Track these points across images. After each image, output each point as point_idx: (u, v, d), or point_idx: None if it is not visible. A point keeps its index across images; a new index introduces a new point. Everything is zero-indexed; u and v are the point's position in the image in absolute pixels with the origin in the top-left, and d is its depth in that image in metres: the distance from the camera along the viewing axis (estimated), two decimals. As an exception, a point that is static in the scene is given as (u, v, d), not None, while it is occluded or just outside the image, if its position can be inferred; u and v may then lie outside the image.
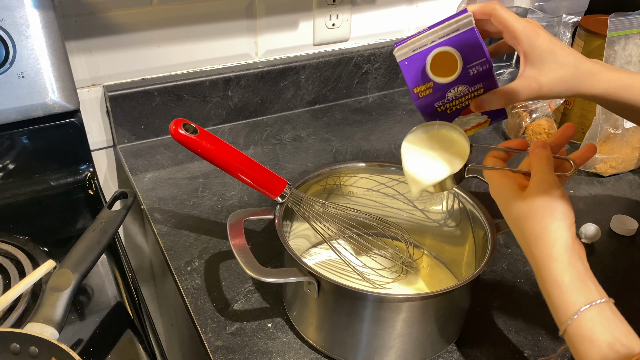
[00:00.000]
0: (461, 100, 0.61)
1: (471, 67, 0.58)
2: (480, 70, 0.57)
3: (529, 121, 1.03)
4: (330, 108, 1.15)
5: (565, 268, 0.50)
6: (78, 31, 0.90)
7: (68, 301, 0.61)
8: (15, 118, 0.82)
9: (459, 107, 0.62)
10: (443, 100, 0.60)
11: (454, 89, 0.59)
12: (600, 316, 0.48)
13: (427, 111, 0.62)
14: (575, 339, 0.48)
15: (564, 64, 0.57)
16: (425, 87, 0.59)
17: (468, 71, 0.58)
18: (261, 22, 1.03)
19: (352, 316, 0.60)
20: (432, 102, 0.61)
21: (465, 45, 0.57)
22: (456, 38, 0.56)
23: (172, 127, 0.64)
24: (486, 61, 0.57)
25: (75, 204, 0.88)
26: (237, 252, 0.61)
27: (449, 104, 0.61)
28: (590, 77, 0.58)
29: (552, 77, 0.57)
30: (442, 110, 0.62)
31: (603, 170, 0.96)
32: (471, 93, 0.60)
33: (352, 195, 0.76)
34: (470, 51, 0.57)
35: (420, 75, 0.59)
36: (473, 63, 0.57)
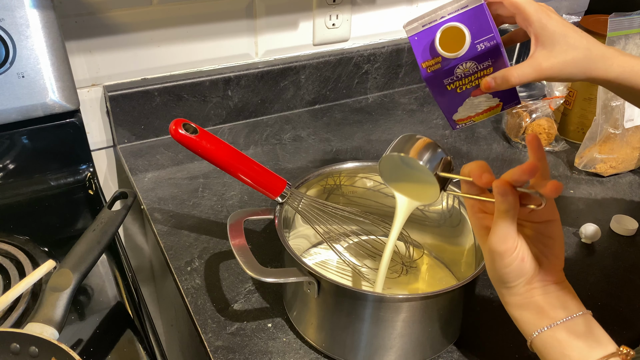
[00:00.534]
0: (470, 79, 0.61)
1: (479, 42, 0.58)
2: (488, 46, 0.58)
3: (529, 121, 1.03)
4: (330, 108, 1.15)
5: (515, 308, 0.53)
6: (78, 31, 0.90)
7: (68, 301, 0.61)
8: (15, 118, 0.82)
9: (469, 87, 0.62)
10: (452, 76, 0.61)
11: (462, 65, 0.59)
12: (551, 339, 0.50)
13: (435, 87, 0.62)
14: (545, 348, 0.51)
15: (575, 46, 0.56)
16: (434, 61, 0.60)
17: (476, 46, 0.58)
18: (261, 22, 1.03)
19: (352, 316, 0.60)
20: (441, 78, 0.61)
21: (473, 21, 0.58)
22: (465, 14, 0.57)
23: (172, 127, 0.64)
24: (494, 37, 0.58)
25: (75, 204, 0.88)
26: (237, 252, 0.61)
27: (458, 82, 0.61)
28: (604, 60, 0.57)
29: (562, 58, 0.57)
30: (451, 88, 0.62)
31: (603, 170, 0.96)
32: (480, 71, 0.60)
33: (352, 195, 0.76)
34: (479, 27, 0.57)
35: (429, 50, 0.60)
36: (481, 38, 0.58)
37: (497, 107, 0.66)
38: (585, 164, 0.97)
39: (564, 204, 0.91)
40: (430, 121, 1.13)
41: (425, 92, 1.23)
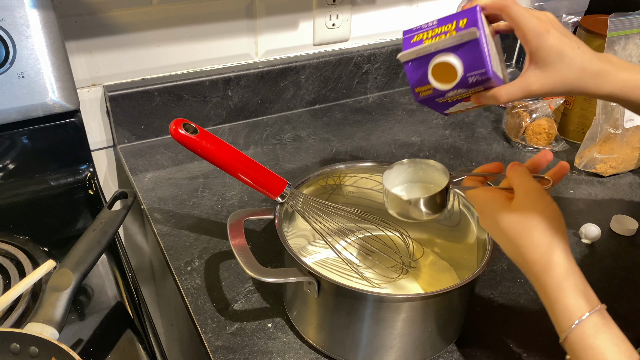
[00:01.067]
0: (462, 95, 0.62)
1: (471, 75, 0.58)
2: (479, 79, 0.58)
3: (529, 121, 1.03)
4: (330, 108, 1.15)
5: (565, 275, 0.50)
6: (78, 31, 0.90)
7: (68, 301, 0.61)
8: (15, 118, 0.82)
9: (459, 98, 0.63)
10: (443, 97, 0.62)
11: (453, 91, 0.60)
12: (601, 322, 0.48)
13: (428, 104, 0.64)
14: (577, 346, 0.48)
15: (570, 65, 0.56)
16: (426, 88, 0.60)
17: (468, 79, 0.58)
18: (261, 22, 1.03)
19: (352, 316, 0.60)
20: (433, 98, 0.62)
21: (467, 54, 0.57)
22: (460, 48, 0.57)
23: (172, 127, 0.64)
24: (485, 72, 0.58)
25: (75, 204, 0.88)
26: (237, 252, 0.61)
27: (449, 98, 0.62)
28: (596, 78, 0.57)
29: (554, 79, 0.57)
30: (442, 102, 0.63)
31: (603, 170, 0.96)
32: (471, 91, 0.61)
33: (352, 195, 0.76)
34: (472, 61, 0.57)
35: (422, 78, 0.60)
36: (473, 72, 0.58)
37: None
38: (586, 164, 0.97)
39: (564, 204, 0.91)
40: (430, 121, 1.13)
41: (425, 92, 1.23)
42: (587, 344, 0.47)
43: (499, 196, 0.56)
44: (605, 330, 0.47)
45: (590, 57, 0.57)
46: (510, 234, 0.53)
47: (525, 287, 0.74)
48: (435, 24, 0.59)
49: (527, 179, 0.55)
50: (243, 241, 0.62)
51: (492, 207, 0.55)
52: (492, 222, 0.55)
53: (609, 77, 0.57)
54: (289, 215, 0.70)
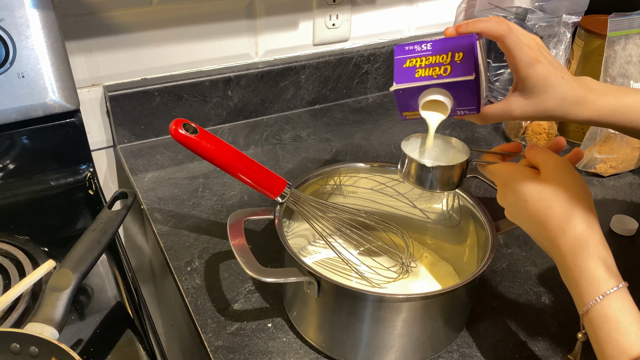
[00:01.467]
0: None
1: (460, 109, 0.60)
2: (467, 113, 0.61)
3: (529, 121, 1.03)
4: (330, 108, 1.15)
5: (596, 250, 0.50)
6: (78, 31, 0.90)
7: (68, 301, 0.61)
8: (15, 118, 0.82)
9: None
10: None
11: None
12: (624, 300, 0.47)
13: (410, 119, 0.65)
14: (599, 320, 0.47)
15: (552, 95, 0.58)
16: (414, 113, 0.62)
17: (457, 111, 0.60)
18: (261, 22, 1.03)
19: (352, 316, 0.60)
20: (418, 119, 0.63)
21: (459, 94, 0.59)
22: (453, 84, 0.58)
23: (172, 127, 0.64)
24: (475, 109, 0.60)
25: (75, 204, 0.88)
26: (237, 252, 0.61)
27: None
28: (576, 106, 0.58)
29: (537, 106, 0.59)
30: None
31: (603, 170, 0.96)
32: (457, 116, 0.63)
33: (352, 195, 0.76)
34: (463, 99, 0.59)
35: (412, 105, 0.61)
36: (463, 108, 0.60)
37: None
38: (585, 164, 0.97)
39: (564, 204, 0.91)
40: (430, 121, 1.12)
41: (425, 92, 1.23)
42: (612, 318, 0.47)
43: (525, 169, 0.56)
44: (629, 308, 0.47)
45: (572, 86, 0.58)
46: (538, 207, 0.53)
47: (525, 287, 0.74)
48: (430, 49, 0.58)
49: (553, 154, 0.56)
50: (243, 241, 0.62)
51: (519, 180, 0.55)
52: (517, 196, 0.55)
53: (588, 105, 0.59)
54: (289, 215, 0.70)
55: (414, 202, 0.76)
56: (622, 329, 0.46)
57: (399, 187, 0.75)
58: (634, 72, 0.92)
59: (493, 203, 0.59)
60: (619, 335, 0.46)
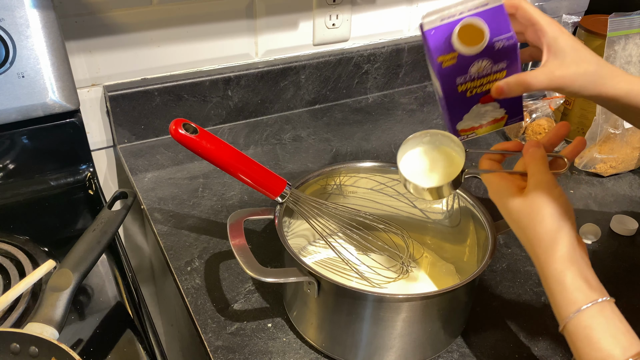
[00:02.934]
0: (482, 81, 0.61)
1: (497, 40, 0.58)
2: (505, 45, 0.58)
3: (529, 121, 1.03)
4: (330, 108, 1.15)
5: (568, 267, 0.50)
6: (78, 31, 0.90)
7: (68, 301, 0.61)
8: (15, 118, 0.82)
9: (479, 92, 0.62)
10: (465, 75, 0.60)
11: (477, 63, 0.59)
12: (600, 315, 0.48)
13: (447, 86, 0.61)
14: (574, 336, 0.48)
15: (587, 59, 0.57)
16: (450, 56, 0.59)
17: (493, 44, 0.58)
18: (261, 22, 1.03)
19: (352, 316, 0.60)
20: (454, 76, 0.60)
21: (493, 20, 0.58)
22: (485, 12, 0.58)
23: (172, 127, 0.64)
24: (512, 36, 0.58)
25: (75, 204, 0.88)
26: (237, 252, 0.61)
27: (470, 84, 0.61)
28: (612, 78, 0.57)
29: (574, 70, 0.57)
30: (462, 90, 0.61)
31: (603, 170, 0.96)
32: (493, 74, 0.60)
33: (352, 195, 0.76)
34: (497, 25, 0.58)
35: (446, 45, 0.59)
36: (499, 36, 0.58)
37: (501, 119, 0.65)
38: (585, 164, 0.97)
39: (564, 204, 0.91)
40: (430, 121, 1.13)
41: (425, 92, 1.23)
42: (584, 335, 0.48)
43: (511, 185, 0.56)
44: (604, 322, 0.48)
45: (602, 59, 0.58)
46: (519, 224, 0.54)
47: (525, 287, 0.74)
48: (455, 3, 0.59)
49: (541, 169, 0.55)
50: (243, 241, 0.62)
51: (504, 196, 0.56)
52: (504, 211, 0.56)
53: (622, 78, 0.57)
54: (289, 215, 0.70)
55: (414, 202, 0.76)
56: (595, 344, 0.47)
57: (399, 187, 0.75)
58: (634, 72, 0.92)
59: (493, 203, 0.59)
60: (592, 350, 0.47)
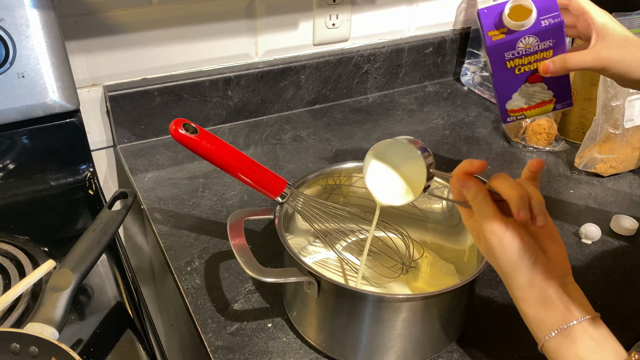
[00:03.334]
0: (529, 59, 0.65)
1: (544, 18, 0.63)
2: (551, 23, 0.63)
3: (529, 121, 1.03)
4: (330, 108, 1.15)
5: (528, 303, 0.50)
6: (78, 31, 0.90)
7: (68, 301, 0.61)
8: (15, 118, 0.82)
9: (526, 69, 0.65)
10: (513, 50, 0.64)
11: (524, 39, 0.63)
12: (565, 340, 0.49)
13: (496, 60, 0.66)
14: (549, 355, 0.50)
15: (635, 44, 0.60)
16: (499, 31, 0.64)
17: (540, 22, 0.63)
18: (261, 22, 1.03)
19: (352, 316, 0.60)
20: (503, 50, 0.65)
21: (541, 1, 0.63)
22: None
23: (172, 127, 0.64)
24: (558, 15, 0.62)
25: (75, 204, 0.88)
26: (237, 252, 0.61)
27: (518, 60, 0.65)
28: None
29: (621, 53, 0.60)
30: (510, 67, 0.65)
31: (603, 170, 0.96)
32: (540, 52, 0.64)
33: (352, 195, 0.76)
34: (545, 5, 0.63)
35: (497, 22, 0.64)
36: (546, 15, 0.62)
37: (549, 102, 0.68)
38: (585, 164, 0.97)
39: (564, 204, 0.91)
40: (430, 121, 1.13)
41: (425, 92, 1.23)
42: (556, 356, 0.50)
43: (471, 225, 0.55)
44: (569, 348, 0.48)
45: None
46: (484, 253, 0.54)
47: (525, 287, 0.74)
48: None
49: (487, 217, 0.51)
50: (243, 241, 0.62)
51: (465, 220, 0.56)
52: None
53: None
54: (289, 215, 0.70)
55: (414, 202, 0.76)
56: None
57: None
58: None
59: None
60: None
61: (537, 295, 0.50)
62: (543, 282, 0.49)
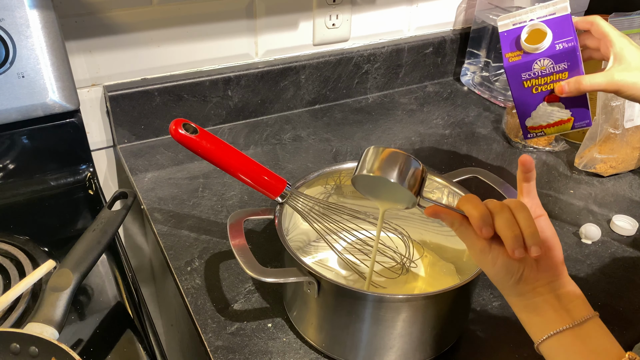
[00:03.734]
0: (546, 80, 0.68)
1: (559, 42, 0.66)
2: (565, 47, 0.66)
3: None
4: (330, 108, 1.15)
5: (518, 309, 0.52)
6: (78, 31, 0.90)
7: (68, 301, 0.61)
8: (15, 118, 0.82)
9: (543, 89, 0.69)
10: (529, 71, 0.68)
11: (539, 61, 0.67)
12: (556, 344, 0.49)
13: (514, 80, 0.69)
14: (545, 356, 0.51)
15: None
16: (517, 53, 0.68)
17: (555, 45, 0.66)
18: (261, 22, 1.03)
19: (352, 316, 0.60)
20: (520, 71, 0.68)
21: (557, 26, 0.67)
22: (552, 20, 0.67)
23: (172, 127, 0.64)
24: (572, 39, 0.66)
25: (75, 204, 0.88)
26: (237, 252, 0.61)
27: (534, 81, 0.69)
28: None
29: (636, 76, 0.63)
30: (527, 86, 0.69)
31: (603, 170, 0.96)
32: (555, 74, 0.68)
33: (352, 195, 0.76)
34: (561, 31, 0.66)
35: (515, 44, 0.69)
36: (561, 39, 0.66)
37: (567, 121, 0.72)
38: (585, 164, 0.97)
39: (564, 204, 0.91)
40: (430, 121, 1.13)
41: (425, 92, 1.23)
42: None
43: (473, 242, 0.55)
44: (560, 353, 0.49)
45: None
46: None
47: (525, 287, 0.74)
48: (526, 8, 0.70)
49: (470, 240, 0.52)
50: (243, 241, 0.62)
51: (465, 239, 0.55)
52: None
53: None
54: (289, 215, 0.70)
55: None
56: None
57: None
58: (634, 72, 0.92)
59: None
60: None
61: (525, 304, 0.51)
62: (531, 292, 0.51)
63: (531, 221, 0.49)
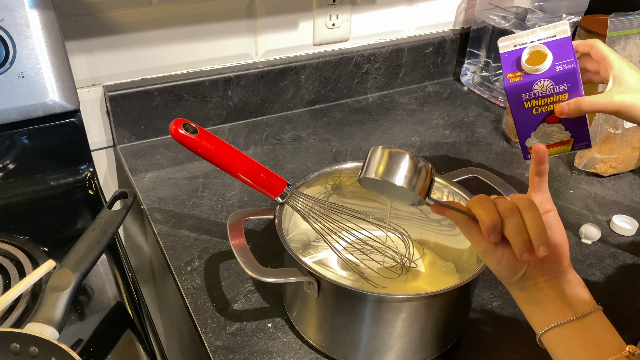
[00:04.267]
0: (546, 101, 0.68)
1: (559, 64, 0.66)
2: (565, 69, 0.66)
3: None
4: (330, 108, 1.15)
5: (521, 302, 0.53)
6: (78, 31, 0.90)
7: (68, 301, 0.61)
8: (15, 118, 0.82)
9: (543, 110, 0.69)
10: (529, 92, 0.68)
11: (539, 82, 0.67)
12: (557, 336, 0.50)
13: (514, 100, 0.70)
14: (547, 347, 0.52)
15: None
16: (517, 74, 0.68)
17: (555, 67, 0.66)
18: (261, 22, 1.03)
19: (352, 316, 0.60)
20: (519, 92, 0.68)
21: (558, 48, 0.67)
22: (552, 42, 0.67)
23: (172, 127, 0.64)
24: (572, 62, 0.66)
25: (75, 204, 0.88)
26: (237, 252, 0.61)
27: (534, 102, 0.69)
28: None
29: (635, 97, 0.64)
30: (527, 107, 0.69)
31: (603, 170, 0.96)
32: (555, 95, 0.68)
33: (352, 195, 0.76)
34: (561, 53, 0.67)
35: (515, 65, 0.69)
36: (561, 61, 0.66)
37: (567, 142, 0.72)
38: (585, 164, 0.97)
39: (564, 204, 0.91)
40: (430, 121, 1.13)
41: (425, 92, 1.23)
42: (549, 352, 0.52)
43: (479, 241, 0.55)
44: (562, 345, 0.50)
45: None
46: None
47: (525, 287, 0.74)
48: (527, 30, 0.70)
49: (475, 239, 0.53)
50: (243, 241, 0.62)
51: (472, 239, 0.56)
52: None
53: None
54: (289, 215, 0.70)
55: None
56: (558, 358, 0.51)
57: (399, 187, 0.75)
58: (634, 72, 0.92)
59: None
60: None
61: (528, 297, 0.52)
62: (534, 286, 0.52)
63: (540, 221, 0.49)
